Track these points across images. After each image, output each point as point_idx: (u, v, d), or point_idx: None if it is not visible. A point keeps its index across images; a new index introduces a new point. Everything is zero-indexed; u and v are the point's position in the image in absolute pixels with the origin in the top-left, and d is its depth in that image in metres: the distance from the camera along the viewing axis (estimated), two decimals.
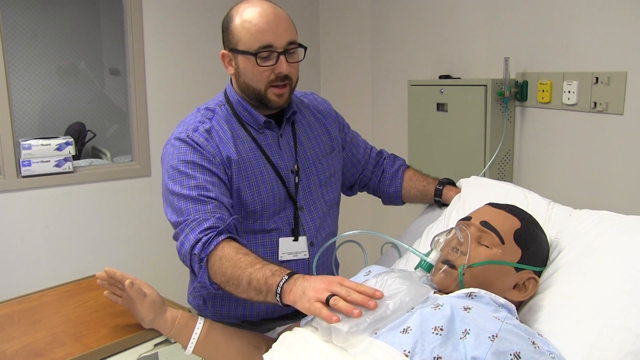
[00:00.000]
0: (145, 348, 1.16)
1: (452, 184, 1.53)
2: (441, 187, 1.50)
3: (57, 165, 2.43)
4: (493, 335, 0.86)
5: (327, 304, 0.91)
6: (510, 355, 0.84)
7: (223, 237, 1.13)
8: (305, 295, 0.94)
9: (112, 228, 2.62)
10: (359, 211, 2.77)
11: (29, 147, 2.36)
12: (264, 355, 1.03)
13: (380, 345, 0.90)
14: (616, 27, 1.52)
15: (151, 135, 2.66)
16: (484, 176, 1.80)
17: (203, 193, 1.18)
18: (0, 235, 2.36)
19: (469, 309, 0.92)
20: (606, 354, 0.90)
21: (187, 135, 1.25)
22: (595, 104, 1.58)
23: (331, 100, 1.56)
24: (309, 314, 0.93)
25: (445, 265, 1.06)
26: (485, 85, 1.87)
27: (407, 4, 2.48)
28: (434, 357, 0.85)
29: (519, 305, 1.08)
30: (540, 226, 1.13)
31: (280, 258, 1.33)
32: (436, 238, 1.12)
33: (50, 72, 3.08)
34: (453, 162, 2.05)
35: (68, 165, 2.46)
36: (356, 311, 0.88)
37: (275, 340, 1.09)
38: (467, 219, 1.12)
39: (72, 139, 2.48)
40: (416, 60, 2.46)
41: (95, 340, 1.12)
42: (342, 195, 1.56)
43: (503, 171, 1.93)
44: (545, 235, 1.14)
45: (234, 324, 1.31)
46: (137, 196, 2.65)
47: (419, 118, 2.25)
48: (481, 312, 0.92)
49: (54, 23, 3.08)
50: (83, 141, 3.02)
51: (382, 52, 2.71)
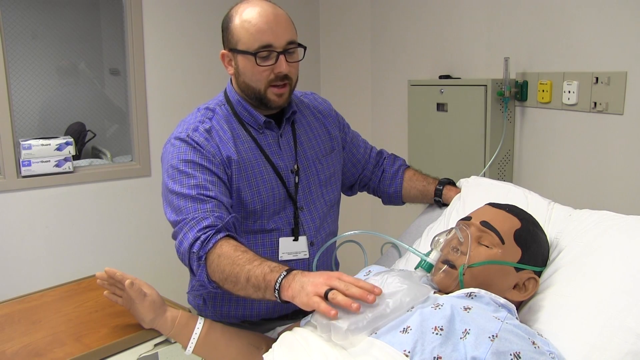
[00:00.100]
0: (145, 348, 1.16)
1: (452, 184, 1.53)
2: (441, 187, 1.50)
3: (57, 165, 2.43)
4: (493, 335, 0.86)
5: (326, 298, 0.91)
6: (510, 355, 0.84)
7: (221, 236, 1.13)
8: (304, 290, 0.93)
9: (112, 228, 2.62)
10: (359, 211, 2.77)
11: (29, 147, 2.36)
12: (264, 355, 1.03)
13: (380, 345, 0.90)
14: (616, 27, 1.52)
15: (151, 135, 2.66)
16: (484, 176, 1.80)
17: (202, 192, 1.18)
18: (0, 235, 2.36)
19: (469, 309, 0.92)
20: (606, 354, 0.90)
21: (187, 135, 1.25)
22: (595, 104, 1.58)
23: (331, 100, 1.56)
24: (307, 309, 0.93)
25: (446, 265, 1.06)
26: (485, 85, 1.87)
27: (407, 4, 2.48)
28: (434, 357, 0.85)
29: (519, 305, 1.08)
30: (540, 226, 1.13)
31: (280, 258, 1.33)
32: (436, 238, 1.12)
33: (50, 72, 3.08)
34: (453, 162, 2.05)
35: (68, 165, 2.46)
36: (355, 305, 0.87)
37: (275, 340, 1.09)
38: (467, 219, 1.12)
39: (72, 139, 2.48)
40: (416, 60, 2.46)
41: (95, 340, 1.12)
42: (342, 195, 1.56)
43: (503, 171, 1.93)
44: (545, 235, 1.14)
45: (234, 324, 1.31)
46: (137, 196, 2.65)
47: (419, 118, 2.25)
48: (481, 312, 0.92)
49: (54, 23, 3.08)
50: (83, 141, 3.02)
51: (382, 52, 2.71)
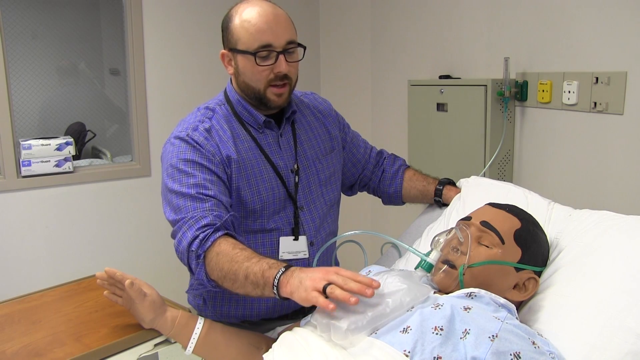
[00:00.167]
0: (145, 348, 1.16)
1: (452, 184, 1.53)
2: (441, 187, 1.50)
3: (57, 165, 2.43)
4: (493, 335, 0.86)
5: (324, 293, 0.90)
6: (510, 355, 0.84)
7: (220, 234, 1.13)
8: (302, 285, 0.93)
9: (112, 228, 2.62)
10: (359, 211, 2.77)
11: (29, 147, 2.36)
12: (264, 355, 1.03)
13: (380, 345, 0.90)
14: (616, 27, 1.52)
15: (151, 135, 2.65)
16: (484, 176, 1.80)
17: (201, 191, 1.18)
18: (0, 235, 2.36)
19: (469, 309, 0.92)
20: (606, 354, 0.90)
21: (187, 134, 1.25)
22: (595, 104, 1.58)
23: (331, 100, 1.56)
24: (306, 304, 0.92)
25: (446, 265, 1.06)
26: (485, 85, 1.87)
27: (407, 4, 2.48)
28: (434, 357, 0.86)
29: (519, 305, 1.08)
30: (540, 226, 1.13)
31: (280, 257, 1.33)
32: (436, 238, 1.12)
33: (50, 72, 3.08)
34: (453, 162, 2.05)
35: (68, 165, 2.46)
36: (353, 299, 0.87)
37: (275, 340, 1.09)
38: (467, 219, 1.12)
39: (72, 139, 2.48)
40: (416, 60, 2.46)
41: (95, 340, 1.12)
42: (342, 195, 1.56)
43: (503, 171, 1.93)
44: (545, 235, 1.14)
45: (234, 324, 1.31)
46: (137, 196, 2.65)
47: (419, 118, 2.25)
48: (481, 312, 0.92)
49: (54, 23, 3.08)
50: (83, 141, 3.02)
51: (382, 52, 2.71)
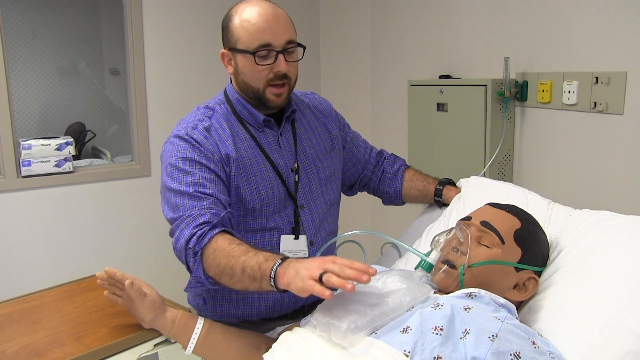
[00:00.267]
0: (145, 348, 1.16)
1: (452, 184, 1.53)
2: (441, 187, 1.50)
3: (57, 165, 2.43)
4: (493, 335, 0.86)
5: (321, 281, 0.90)
6: (510, 355, 0.84)
7: (217, 231, 1.13)
8: (299, 275, 0.93)
9: (112, 228, 2.62)
10: (359, 211, 2.77)
11: (29, 147, 2.36)
12: (264, 355, 1.03)
13: (380, 345, 0.90)
14: (616, 27, 1.52)
15: (151, 135, 2.65)
16: (484, 176, 1.80)
17: (200, 189, 1.18)
18: (0, 235, 2.36)
19: (469, 308, 0.92)
20: (606, 354, 0.90)
21: (186, 133, 1.25)
22: (595, 104, 1.58)
23: (331, 100, 1.56)
24: (303, 294, 0.91)
25: (446, 265, 1.06)
26: (485, 85, 1.87)
27: (407, 4, 2.48)
28: (434, 357, 0.86)
29: (519, 305, 1.08)
30: (540, 226, 1.13)
31: None
32: (436, 238, 1.12)
33: (50, 72, 3.08)
34: (453, 162, 2.05)
35: (68, 165, 2.46)
36: (349, 285, 0.86)
37: (275, 340, 1.09)
38: (467, 219, 1.12)
39: (72, 139, 2.48)
40: (416, 60, 2.46)
41: (95, 340, 1.12)
42: (342, 195, 1.56)
43: (503, 171, 1.93)
44: (545, 235, 1.14)
45: (233, 324, 1.31)
46: (137, 196, 2.65)
47: (419, 118, 2.25)
48: (481, 312, 0.92)
49: (54, 23, 3.07)
50: (83, 141, 3.02)
51: (382, 52, 2.71)
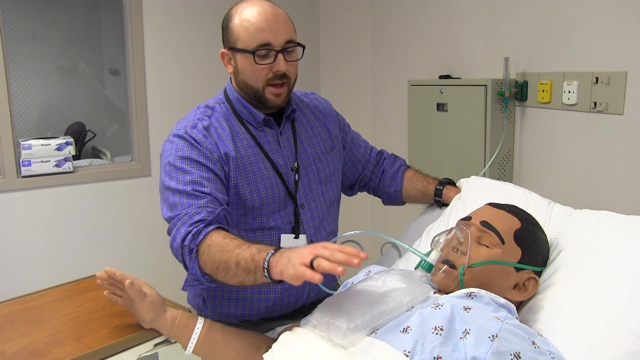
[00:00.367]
0: (145, 348, 1.16)
1: (452, 184, 1.53)
2: (441, 187, 1.50)
3: (57, 165, 2.43)
4: (493, 335, 0.86)
5: (312, 267, 0.89)
6: (510, 355, 0.84)
7: (212, 228, 1.13)
8: (290, 262, 0.92)
9: (112, 228, 2.61)
10: (359, 211, 2.77)
11: (29, 147, 2.36)
12: (264, 355, 1.03)
13: (380, 345, 0.90)
14: (616, 27, 1.52)
15: (151, 135, 2.65)
16: (484, 176, 1.80)
17: (197, 188, 1.18)
18: (0, 235, 2.36)
19: (469, 308, 0.92)
20: (606, 354, 0.90)
21: (186, 132, 1.25)
22: (595, 104, 1.58)
23: (331, 100, 1.56)
24: (295, 282, 0.91)
25: (446, 265, 1.06)
26: (485, 85, 1.87)
27: (407, 4, 2.48)
28: (434, 357, 0.86)
29: (519, 305, 1.08)
30: (540, 226, 1.13)
31: None
32: (436, 238, 1.12)
33: (50, 72, 3.08)
34: (453, 162, 2.05)
35: (68, 165, 2.46)
36: (340, 268, 0.85)
37: (275, 340, 1.09)
38: (467, 219, 1.12)
39: (72, 139, 2.48)
40: (416, 60, 2.46)
41: (95, 340, 1.12)
42: (342, 196, 1.56)
43: (503, 171, 1.93)
44: (545, 235, 1.14)
45: (233, 324, 1.31)
46: (137, 196, 2.65)
47: (419, 118, 2.25)
48: (481, 312, 0.92)
49: (54, 23, 3.07)
50: (83, 141, 3.02)
51: (382, 52, 2.71)
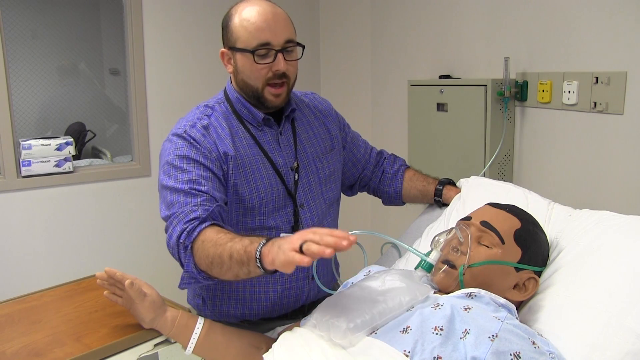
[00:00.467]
0: (145, 348, 1.16)
1: (452, 184, 1.53)
2: (441, 187, 1.50)
3: (57, 165, 2.43)
4: (493, 335, 0.86)
5: (302, 252, 0.89)
6: (510, 355, 0.84)
7: (206, 224, 1.13)
8: (281, 249, 0.92)
9: (112, 228, 2.62)
10: (359, 211, 2.77)
11: (29, 147, 2.36)
12: (264, 355, 1.03)
13: (380, 345, 0.90)
14: (616, 27, 1.52)
15: (151, 135, 2.65)
16: (484, 176, 1.80)
17: (195, 187, 1.18)
18: (0, 235, 2.36)
19: (469, 308, 0.92)
20: (606, 354, 0.90)
21: (184, 131, 1.25)
22: (595, 104, 1.58)
23: (331, 100, 1.56)
24: (286, 269, 0.90)
25: (446, 265, 1.06)
26: (485, 85, 1.87)
27: (407, 4, 2.48)
28: (434, 357, 0.86)
29: (519, 305, 1.08)
30: (540, 226, 1.13)
31: None
32: (436, 238, 1.12)
33: (50, 72, 3.08)
34: (453, 162, 2.05)
35: (68, 165, 2.46)
36: (328, 251, 0.85)
37: (275, 340, 1.09)
38: (467, 218, 1.12)
39: (72, 139, 2.48)
40: (416, 60, 2.46)
41: (95, 340, 1.13)
42: (342, 196, 1.56)
43: (503, 171, 1.93)
44: (545, 235, 1.14)
45: (233, 324, 1.31)
46: (137, 196, 2.65)
47: (419, 118, 2.25)
48: (481, 312, 0.92)
49: (54, 23, 3.08)
50: (83, 141, 3.02)
51: (382, 52, 2.71)
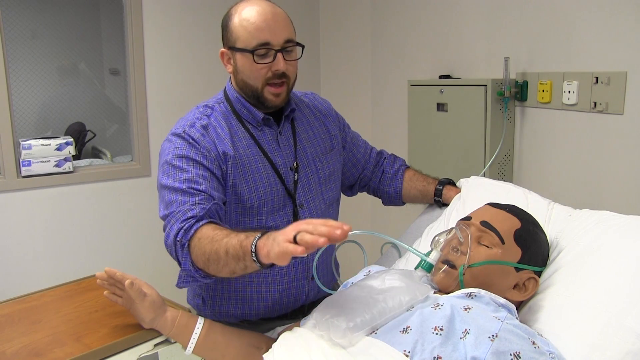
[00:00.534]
0: (145, 348, 1.16)
1: (452, 183, 1.53)
2: (441, 187, 1.50)
3: (57, 165, 2.43)
4: (493, 335, 0.86)
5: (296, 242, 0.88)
6: (510, 355, 0.84)
7: (203, 222, 1.13)
8: (276, 241, 0.92)
9: (112, 228, 2.62)
10: (359, 211, 2.77)
11: (29, 147, 2.36)
12: (264, 355, 1.03)
13: (380, 345, 0.90)
14: (616, 27, 1.52)
15: (151, 135, 2.65)
16: (484, 176, 1.80)
17: (193, 186, 1.18)
18: (0, 235, 2.36)
19: (469, 308, 0.92)
20: (606, 354, 0.90)
21: (184, 131, 1.25)
22: (595, 104, 1.58)
23: (331, 100, 1.56)
24: (282, 261, 0.90)
25: (446, 265, 1.06)
26: (485, 85, 1.87)
27: (407, 4, 2.48)
28: (434, 357, 0.86)
29: (519, 305, 1.08)
30: (540, 226, 1.13)
31: None
32: (436, 238, 1.12)
33: (50, 72, 3.08)
34: (453, 162, 2.05)
35: (68, 165, 2.46)
36: (321, 239, 0.84)
37: (275, 340, 1.09)
38: (467, 218, 1.12)
39: (72, 139, 2.48)
40: (416, 60, 2.46)
41: (95, 340, 1.13)
42: (342, 196, 1.56)
43: (503, 171, 1.93)
44: (545, 235, 1.14)
45: (233, 324, 1.31)
46: (137, 196, 2.65)
47: (419, 118, 2.25)
48: (481, 312, 0.92)
49: (54, 23, 3.07)
50: (83, 141, 3.02)
51: (382, 52, 2.71)
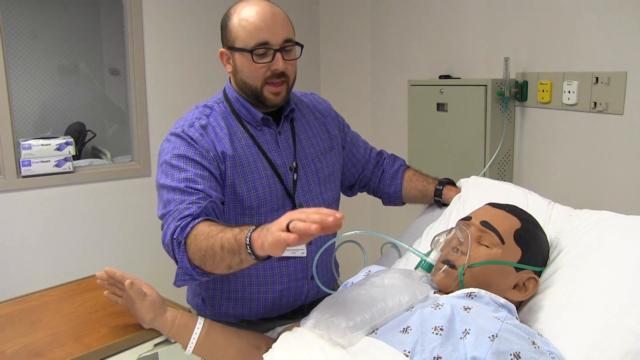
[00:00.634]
0: (145, 348, 1.16)
1: (452, 183, 1.53)
2: (441, 187, 1.50)
3: (57, 165, 2.43)
4: (493, 335, 0.86)
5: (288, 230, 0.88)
6: (510, 355, 0.84)
7: (199, 220, 1.13)
8: (269, 231, 0.92)
9: (112, 228, 2.62)
10: (359, 211, 2.77)
11: (29, 147, 2.36)
12: (264, 355, 1.03)
13: (380, 345, 0.90)
14: (616, 27, 1.52)
15: (151, 135, 2.65)
16: (484, 176, 1.80)
17: (190, 185, 1.18)
18: (0, 235, 2.36)
19: (469, 308, 0.92)
20: (606, 354, 0.90)
21: (182, 131, 1.25)
22: (595, 104, 1.58)
23: (331, 100, 1.56)
24: (276, 251, 0.90)
25: (446, 265, 1.06)
26: (485, 85, 1.87)
27: (407, 4, 2.48)
28: (434, 357, 0.86)
29: (519, 305, 1.08)
30: (540, 226, 1.13)
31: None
32: (436, 238, 1.12)
33: (51, 72, 3.08)
34: (453, 162, 2.05)
35: (68, 165, 2.46)
36: (314, 226, 0.84)
37: (275, 340, 1.09)
38: (467, 218, 1.12)
39: (72, 139, 2.48)
40: (416, 60, 2.46)
41: (95, 340, 1.13)
42: (342, 196, 1.56)
43: (503, 171, 1.93)
44: (545, 235, 1.14)
45: (233, 324, 1.31)
46: (137, 196, 2.65)
47: (419, 118, 2.25)
48: (481, 312, 0.92)
49: (54, 23, 3.07)
50: (83, 141, 3.02)
51: (382, 52, 2.71)
